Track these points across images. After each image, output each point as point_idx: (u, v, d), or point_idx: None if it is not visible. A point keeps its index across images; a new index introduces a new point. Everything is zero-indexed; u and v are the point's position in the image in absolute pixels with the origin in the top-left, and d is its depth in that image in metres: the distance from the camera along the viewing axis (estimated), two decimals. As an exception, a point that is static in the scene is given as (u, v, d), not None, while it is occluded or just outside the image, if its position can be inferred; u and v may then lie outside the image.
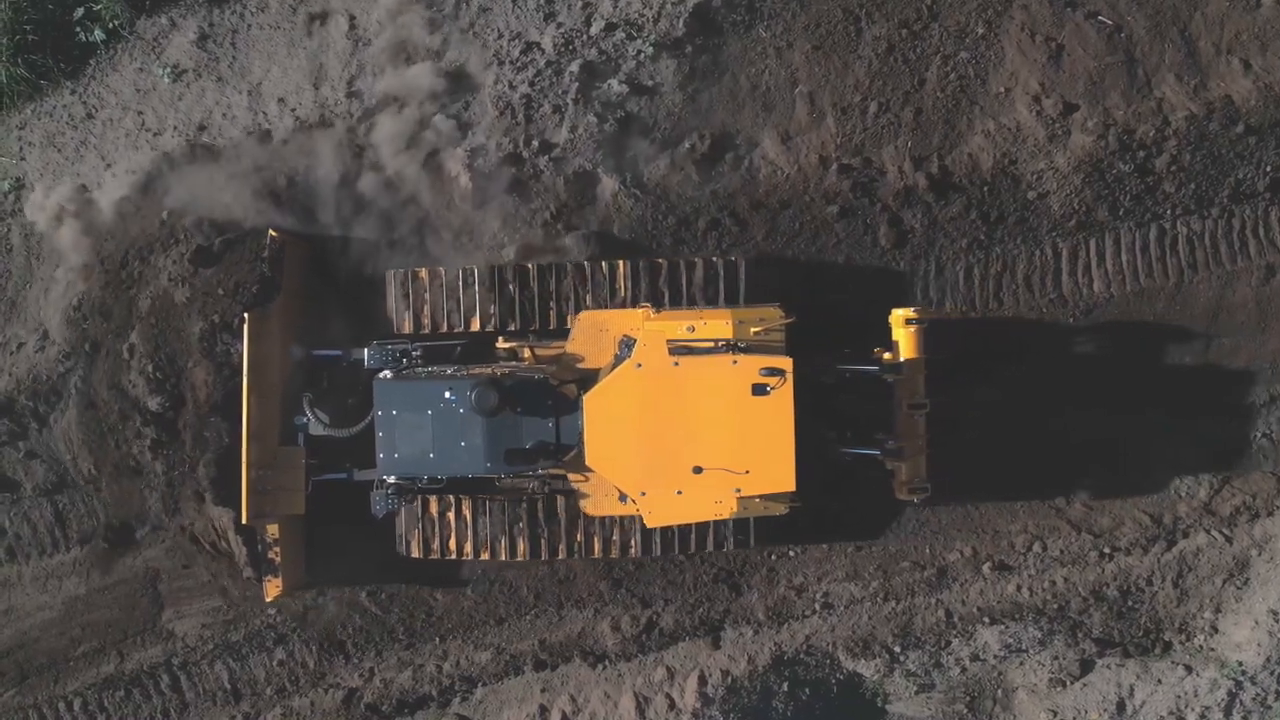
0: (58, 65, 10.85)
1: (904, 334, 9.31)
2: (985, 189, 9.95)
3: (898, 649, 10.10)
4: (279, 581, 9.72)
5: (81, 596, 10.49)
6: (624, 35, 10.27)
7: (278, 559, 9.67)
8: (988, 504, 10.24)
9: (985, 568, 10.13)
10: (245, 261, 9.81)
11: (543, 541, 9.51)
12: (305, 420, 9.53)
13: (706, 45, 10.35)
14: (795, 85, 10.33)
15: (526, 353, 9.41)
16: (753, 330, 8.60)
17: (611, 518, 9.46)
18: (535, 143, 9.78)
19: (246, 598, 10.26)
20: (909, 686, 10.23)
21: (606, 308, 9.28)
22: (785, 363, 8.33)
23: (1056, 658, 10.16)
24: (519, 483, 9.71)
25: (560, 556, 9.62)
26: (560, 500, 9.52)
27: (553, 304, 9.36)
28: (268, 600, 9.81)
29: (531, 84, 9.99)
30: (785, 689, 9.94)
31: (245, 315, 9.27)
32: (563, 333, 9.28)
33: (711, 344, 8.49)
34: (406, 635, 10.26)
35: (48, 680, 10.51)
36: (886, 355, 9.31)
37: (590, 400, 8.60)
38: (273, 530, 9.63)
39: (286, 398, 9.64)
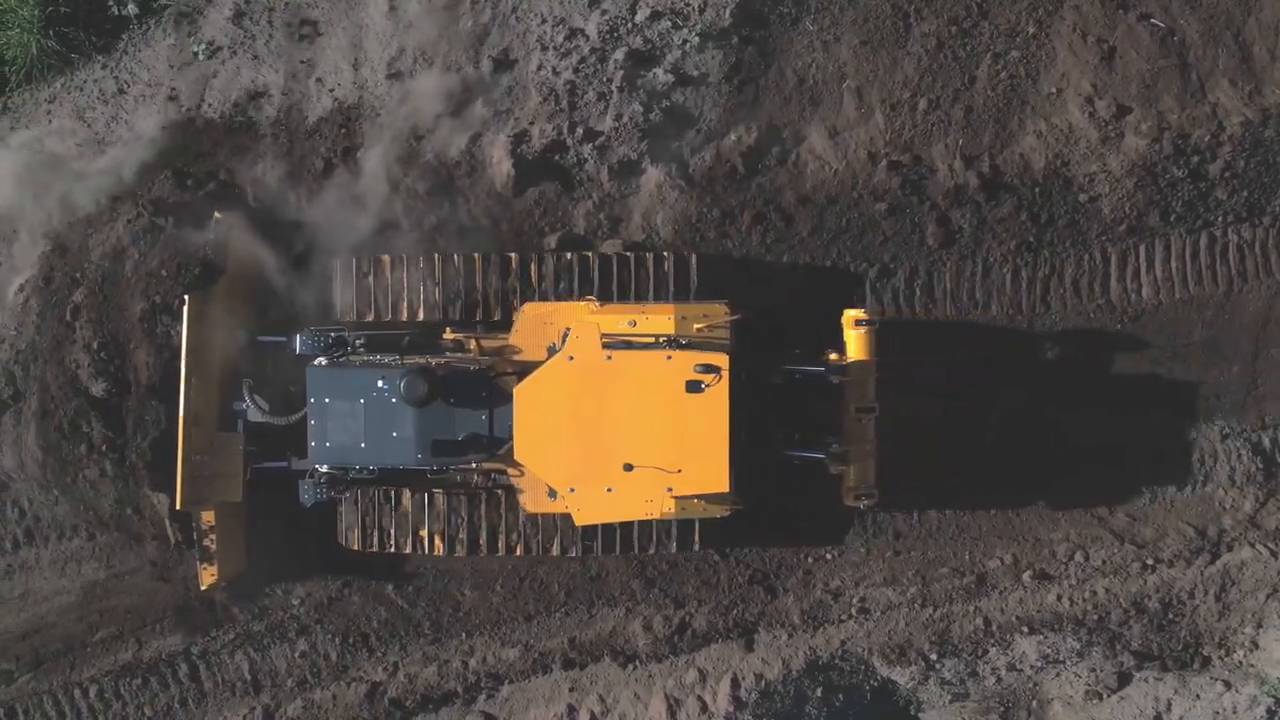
0: (89, 39, 10.64)
1: (854, 335, 9.06)
2: (1036, 190, 9.76)
3: (934, 656, 9.91)
4: (214, 569, 9.50)
5: (100, 581, 10.25)
6: (669, 24, 10.07)
7: (213, 546, 9.46)
8: (1029, 511, 10.07)
9: (1026, 576, 9.94)
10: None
11: (482, 538, 9.32)
12: (244, 406, 9.32)
13: (753, 37, 10.16)
14: (843, 80, 10.14)
15: (472, 344, 9.23)
16: (696, 326, 8.40)
17: (556, 515, 9.16)
18: (579, 130, 9.57)
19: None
20: (943, 695, 10.03)
21: (551, 300, 9.06)
22: (721, 359, 8.10)
23: (1094, 669, 9.97)
24: (465, 476, 9.50)
25: (500, 553, 9.43)
26: (502, 496, 9.34)
27: (496, 295, 9.18)
28: (202, 588, 9.60)
29: (576, 70, 9.79)
30: (819, 694, 9.75)
31: (185, 297, 9.10)
32: (510, 325, 9.10)
33: (652, 339, 8.28)
34: (432, 630, 10.06)
35: (63, 666, 10.28)
36: (834, 356, 9.09)
37: (521, 392, 8.38)
38: (209, 517, 9.42)
39: (227, 383, 9.45)
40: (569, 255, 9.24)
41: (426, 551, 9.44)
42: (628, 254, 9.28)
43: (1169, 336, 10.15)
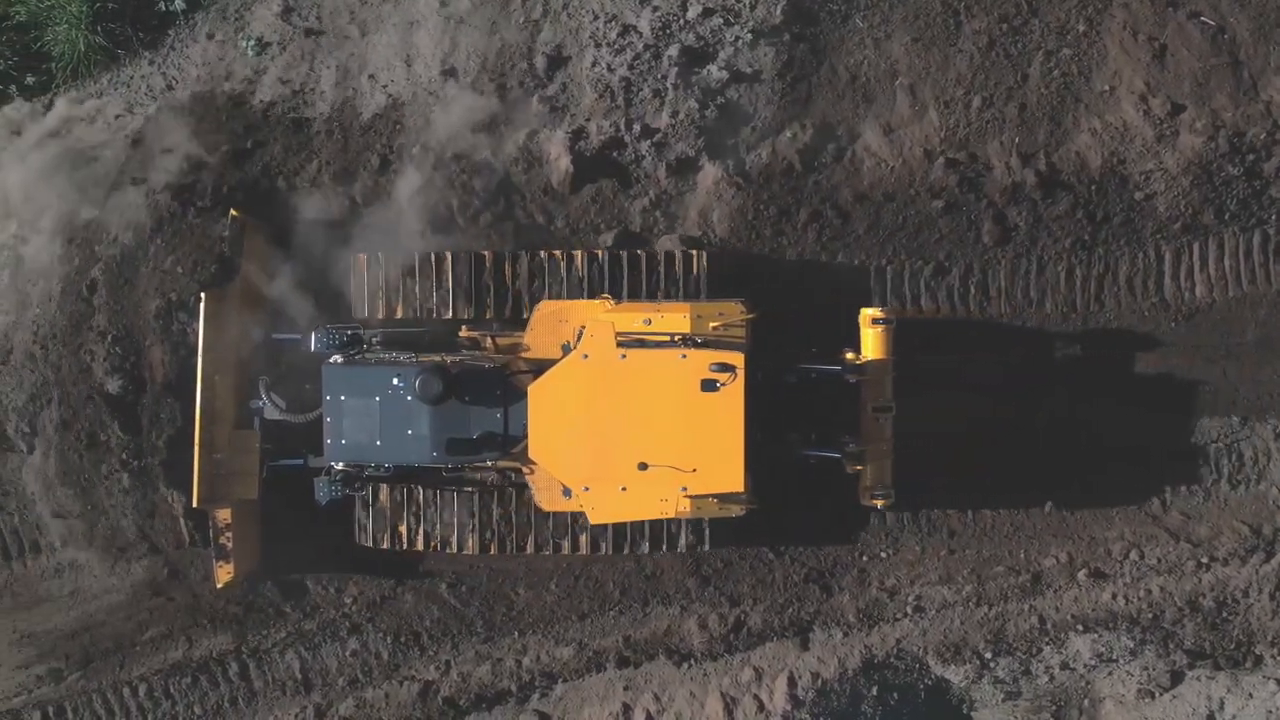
0: (136, 35, 10.58)
1: (871, 334, 9.00)
2: (1093, 188, 9.74)
3: (989, 655, 9.89)
4: (230, 567, 9.46)
5: (150, 581, 10.20)
6: (721, 21, 10.04)
7: (229, 544, 9.42)
8: (1083, 510, 10.03)
9: (1081, 574, 9.92)
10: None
11: (494, 537, 9.32)
12: (261, 404, 9.31)
13: (804, 34, 10.13)
14: (896, 77, 10.11)
15: (488, 342, 9.20)
16: (711, 325, 8.34)
17: (569, 513, 9.16)
18: (637, 127, 9.54)
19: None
20: (996, 694, 10.02)
21: (566, 298, 9.03)
22: (737, 358, 8.05)
23: (1146, 668, 9.96)
24: (481, 474, 9.50)
25: (512, 552, 9.42)
26: (513, 493, 9.33)
27: (511, 293, 9.17)
28: (218, 586, 9.57)
29: (630, 67, 9.75)
30: (874, 693, 9.73)
31: (202, 295, 9.06)
32: (525, 322, 9.07)
33: (668, 338, 8.22)
34: (485, 629, 10.03)
35: (113, 665, 10.25)
36: (850, 355, 9.04)
37: (535, 391, 8.34)
38: (225, 515, 9.38)
39: (243, 381, 9.42)
40: (579, 253, 9.21)
41: (440, 550, 9.43)
42: (639, 252, 9.26)
43: (1222, 335, 10.12)
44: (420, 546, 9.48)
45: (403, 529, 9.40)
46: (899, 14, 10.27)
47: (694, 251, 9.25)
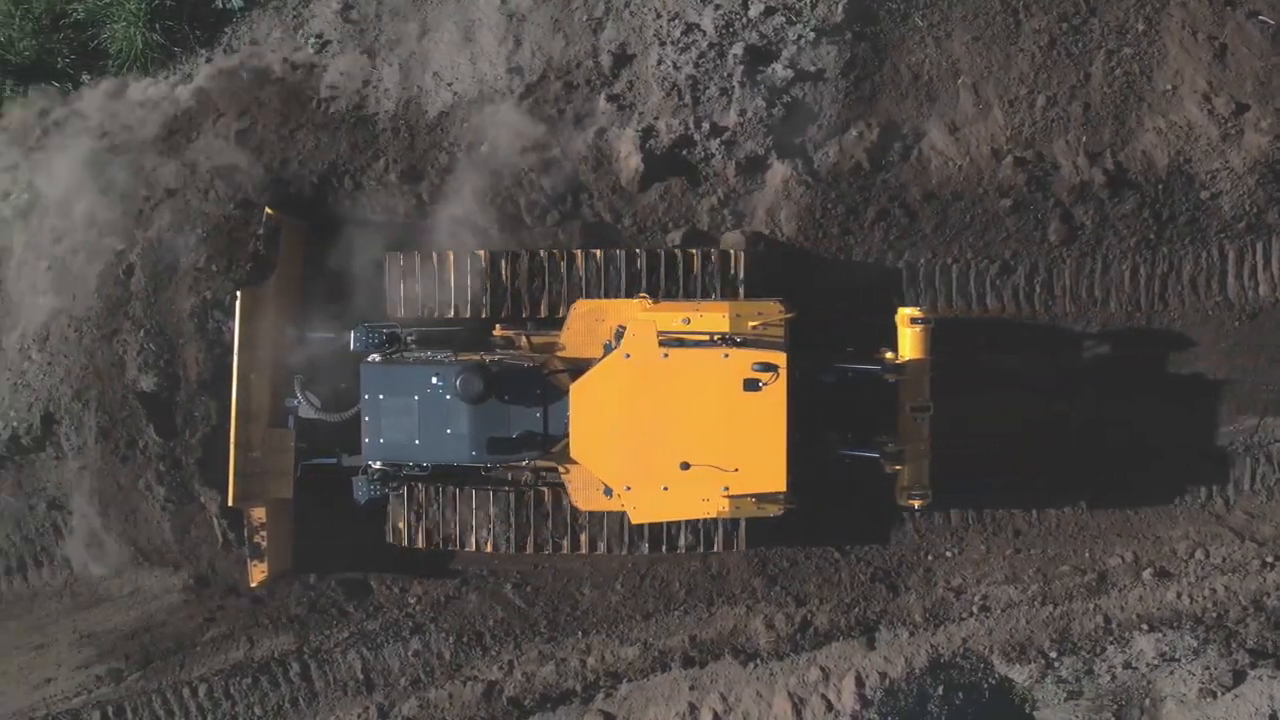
0: (193, 32, 10.53)
1: (909, 333, 8.98)
2: (1159, 187, 9.74)
3: (1053, 655, 9.89)
4: (264, 566, 9.46)
5: (197, 589, 10.18)
6: (783, 19, 10.01)
7: (264, 543, 9.42)
8: (1147, 509, 10.05)
9: (1146, 573, 9.93)
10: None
11: (530, 536, 9.32)
12: (296, 403, 9.29)
13: (865, 32, 10.11)
14: (958, 76, 10.10)
15: (523, 341, 9.20)
16: (750, 324, 8.29)
17: (604, 512, 9.18)
18: (706, 125, 9.50)
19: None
20: (1059, 693, 10.02)
21: (603, 297, 9.04)
22: (779, 358, 8.03)
23: (1208, 667, 9.96)
24: (515, 474, 9.50)
25: (549, 551, 9.43)
26: (548, 493, 9.35)
27: (545, 292, 9.18)
28: (252, 585, 9.57)
29: (696, 65, 9.72)
30: (940, 692, 9.72)
31: (238, 293, 9.05)
32: (560, 321, 9.07)
33: (707, 337, 8.20)
34: (549, 628, 10.00)
35: (173, 665, 10.20)
36: (889, 355, 9.03)
37: (577, 390, 8.31)
38: (259, 514, 9.38)
39: (279, 379, 9.40)
40: (619, 252, 9.20)
41: (475, 549, 9.42)
42: (676, 250, 9.26)
43: (1283, 333, 10.15)
44: (454, 546, 9.48)
45: (434, 529, 9.42)
46: (958, 12, 10.25)
47: (731, 251, 9.24)
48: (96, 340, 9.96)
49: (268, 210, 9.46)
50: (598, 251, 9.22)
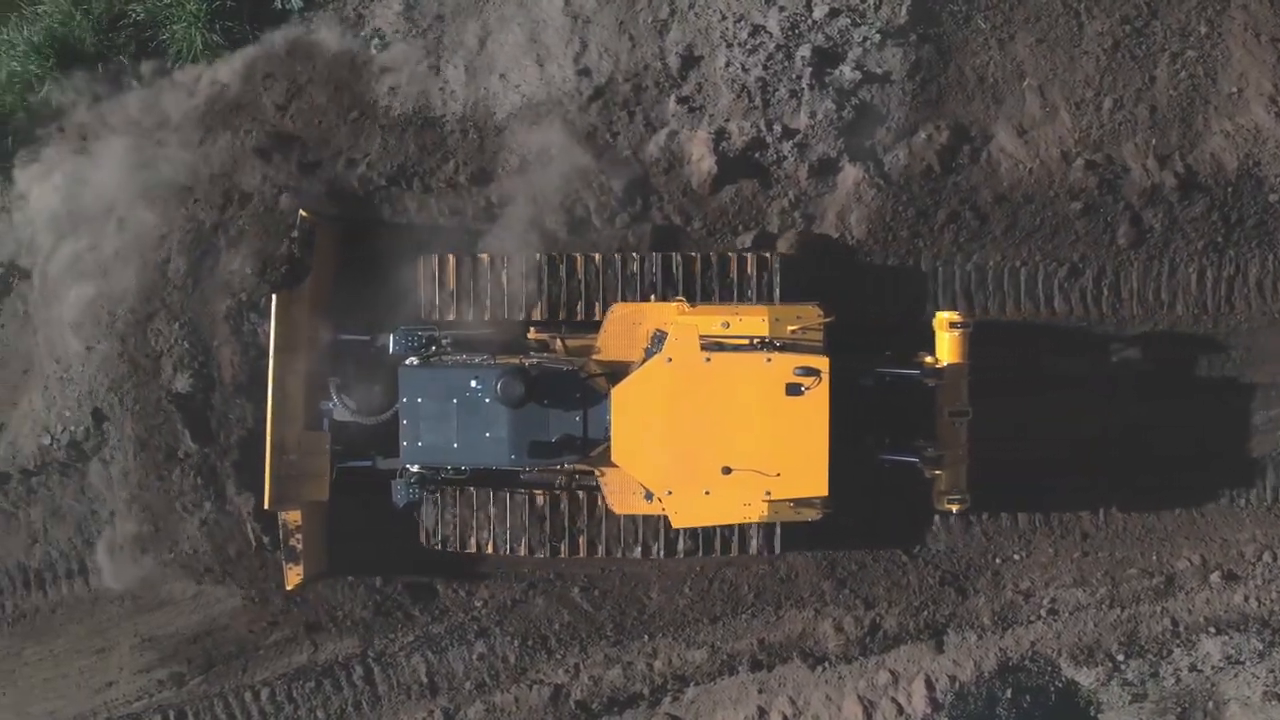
0: (253, 33, 10.47)
1: (947, 338, 8.94)
2: (1229, 190, 9.74)
3: (1120, 657, 9.90)
4: (300, 569, 9.44)
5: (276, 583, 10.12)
6: (848, 21, 9.99)
7: (299, 546, 9.38)
8: (1214, 512, 10.05)
9: (1214, 576, 9.93)
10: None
11: (564, 539, 9.34)
12: (331, 405, 9.28)
13: (929, 34, 10.09)
14: (1023, 78, 10.09)
15: (557, 343, 9.17)
16: (789, 328, 8.29)
17: (639, 515, 9.19)
18: (778, 128, 9.47)
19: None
20: (1123, 696, 10.03)
21: (639, 300, 9.04)
22: (821, 362, 8.00)
23: (1273, 670, 9.98)
24: (546, 477, 9.50)
25: (583, 555, 9.42)
26: (583, 496, 9.35)
27: (582, 295, 9.18)
28: (288, 588, 9.52)
29: (764, 67, 9.69)
30: (1009, 696, 9.72)
31: (273, 295, 9.03)
32: (594, 324, 9.05)
33: (746, 341, 8.18)
34: (615, 632, 9.97)
35: (236, 669, 10.16)
36: (929, 359, 8.99)
37: (618, 394, 8.28)
38: (295, 517, 9.35)
39: (313, 381, 9.40)
40: (655, 255, 9.19)
41: (507, 553, 9.42)
42: (711, 254, 9.25)
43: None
44: (490, 550, 9.49)
45: (467, 532, 9.42)
46: (1020, 15, 10.24)
47: (766, 254, 9.24)
48: (131, 326, 9.89)
49: (302, 213, 9.44)
50: (636, 255, 9.24)
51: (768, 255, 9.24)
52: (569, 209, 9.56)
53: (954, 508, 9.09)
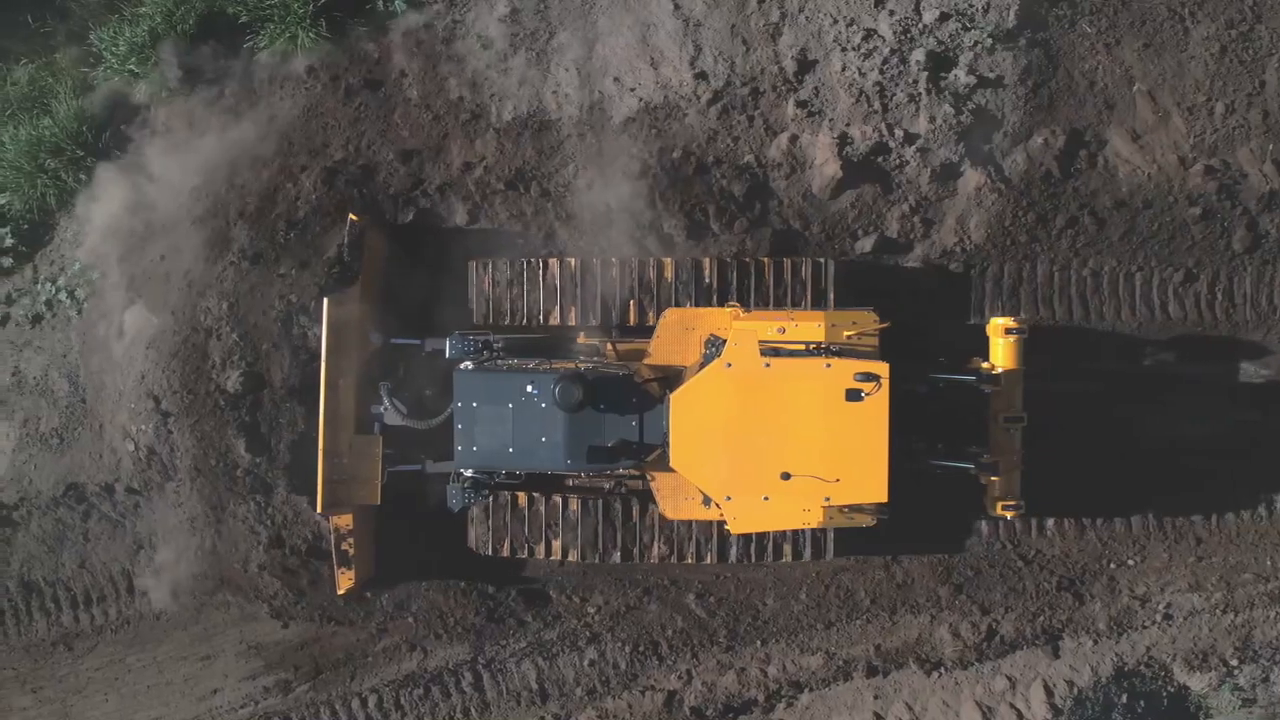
0: (358, 28, 10.37)
1: (1002, 344, 8.92)
2: (1346, 195, 9.75)
3: (1234, 663, 9.90)
4: (351, 574, 9.45)
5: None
6: (958, 25, 9.95)
7: (351, 550, 9.40)
8: (1325, 515, 10.07)
9: (1328, 581, 9.95)
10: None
11: (616, 544, 9.36)
12: (383, 409, 9.26)
13: (1037, 39, 10.07)
14: (1132, 83, 10.06)
15: (607, 348, 9.16)
16: (845, 334, 8.28)
17: (689, 521, 9.24)
18: (900, 132, 9.43)
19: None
20: (1233, 701, 10.02)
21: (693, 305, 9.05)
22: (881, 368, 7.98)
23: (1384, 675, 10.00)
24: (594, 483, 9.52)
25: (635, 560, 9.45)
26: (634, 502, 9.38)
27: (634, 300, 9.21)
28: (339, 593, 9.52)
29: (881, 71, 9.65)
30: (1124, 701, 9.71)
31: (325, 299, 9.02)
32: (644, 329, 9.05)
33: (803, 346, 8.16)
34: (728, 638, 9.92)
35: (343, 676, 10.11)
36: (984, 364, 8.97)
37: (677, 399, 8.26)
38: (345, 521, 9.36)
39: (364, 385, 9.41)
40: (705, 261, 9.21)
41: (559, 558, 9.44)
42: (764, 260, 9.27)
43: None
44: (540, 555, 9.51)
45: (516, 537, 9.44)
46: (1124, 19, 10.21)
47: (821, 260, 9.26)
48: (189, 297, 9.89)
49: (351, 216, 9.42)
50: (690, 260, 9.26)
51: (822, 261, 9.24)
52: (688, 214, 9.50)
53: (1009, 514, 9.05)
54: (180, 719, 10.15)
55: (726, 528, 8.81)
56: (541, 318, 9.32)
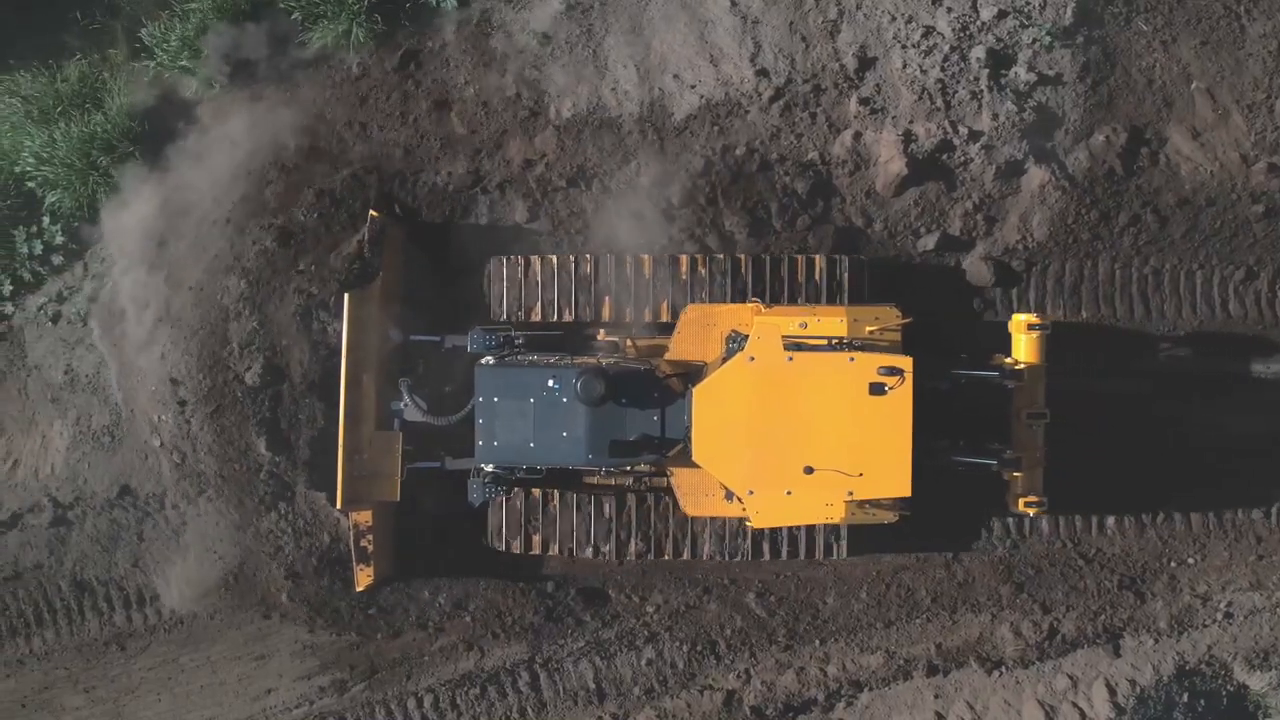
0: (409, 26, 10.32)
1: (1025, 340, 8.90)
2: (1407, 194, 9.73)
3: (1294, 662, 9.89)
4: (370, 570, 9.45)
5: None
6: (1015, 22, 9.92)
7: (370, 547, 9.39)
8: (1385, 512, 10.05)
9: (1387, 579, 9.93)
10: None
11: (633, 541, 9.36)
12: (402, 405, 9.25)
13: (1094, 36, 10.04)
14: (1190, 81, 10.03)
15: (627, 344, 9.15)
16: (868, 329, 8.25)
17: (707, 518, 9.24)
18: (964, 130, 9.40)
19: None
20: (1291, 701, 10.01)
21: (713, 302, 9.05)
22: (905, 362, 7.96)
23: None
24: (614, 478, 9.53)
25: (653, 557, 9.44)
26: (651, 499, 9.38)
27: (659, 296, 9.22)
28: (358, 590, 9.50)
29: (942, 69, 9.61)
30: (1185, 700, 9.68)
31: (346, 296, 9.02)
32: (662, 325, 9.05)
33: (825, 341, 8.13)
34: (786, 637, 9.89)
35: (399, 675, 10.06)
36: (1008, 360, 8.94)
37: (700, 393, 8.23)
38: (365, 517, 9.35)
39: (384, 381, 9.39)
40: (721, 256, 9.22)
41: (575, 556, 9.43)
42: (781, 256, 9.27)
43: None
44: (555, 551, 9.50)
45: (535, 534, 9.43)
46: (1180, 17, 10.18)
47: (837, 256, 9.27)
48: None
49: (372, 212, 9.41)
50: (709, 257, 9.28)
51: (838, 258, 9.23)
52: (750, 211, 9.46)
53: (1031, 511, 9.02)
54: (234, 719, 10.08)
55: (747, 523, 8.78)
56: (572, 314, 9.32)
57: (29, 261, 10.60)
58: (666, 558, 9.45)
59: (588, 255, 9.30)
